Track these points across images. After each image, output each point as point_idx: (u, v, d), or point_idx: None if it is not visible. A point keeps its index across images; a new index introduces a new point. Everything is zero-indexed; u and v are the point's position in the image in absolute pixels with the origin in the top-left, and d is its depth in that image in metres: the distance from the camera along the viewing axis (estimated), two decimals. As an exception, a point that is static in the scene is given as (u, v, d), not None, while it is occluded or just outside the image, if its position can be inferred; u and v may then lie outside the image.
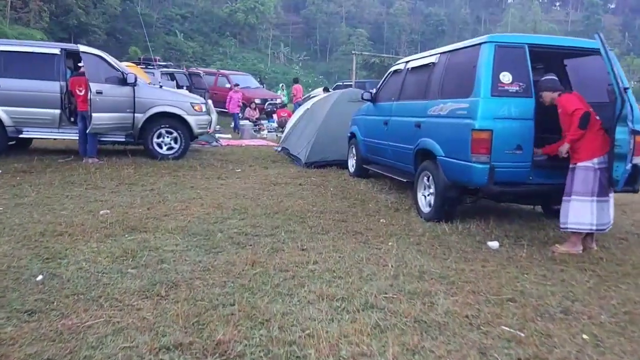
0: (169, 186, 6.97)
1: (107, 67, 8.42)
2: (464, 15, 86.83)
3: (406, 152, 6.07)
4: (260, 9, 69.63)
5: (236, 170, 8.49)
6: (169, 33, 63.46)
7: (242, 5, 68.65)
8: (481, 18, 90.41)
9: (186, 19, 68.80)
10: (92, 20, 53.59)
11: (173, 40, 61.34)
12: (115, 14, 57.71)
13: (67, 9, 48.78)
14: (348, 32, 76.16)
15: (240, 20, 68.21)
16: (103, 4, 56.54)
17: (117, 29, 58.14)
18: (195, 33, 66.98)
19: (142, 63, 16.52)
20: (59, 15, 47.79)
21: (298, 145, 9.54)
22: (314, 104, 10.33)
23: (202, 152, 10.46)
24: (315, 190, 7.06)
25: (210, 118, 9.54)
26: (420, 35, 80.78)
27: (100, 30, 54.24)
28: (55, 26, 48.32)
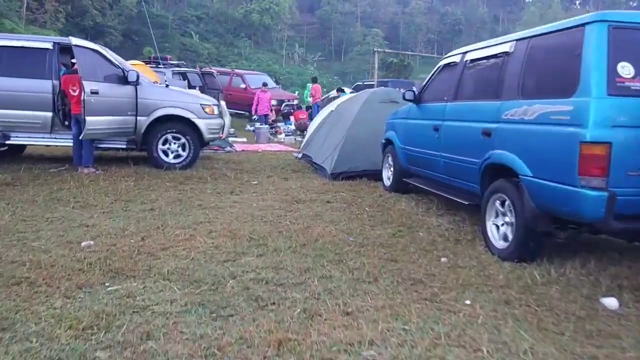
0: (172, 204, 5.73)
1: (105, 63, 7.22)
2: (482, 14, 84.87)
3: (468, 167, 4.75)
4: (275, 9, 68.61)
5: (252, 183, 7.23)
6: (185, 34, 62.80)
7: (257, 6, 67.69)
8: (499, 17, 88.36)
9: (201, 20, 68.07)
10: (108, 22, 53.03)
11: (188, 42, 60.61)
12: (131, 15, 57.13)
13: (83, 10, 48.18)
14: (363, 32, 74.81)
15: (255, 21, 67.25)
16: (119, 5, 56.02)
17: (133, 30, 57.47)
18: (210, 34, 66.25)
19: (153, 62, 15.38)
20: (74, 17, 47.17)
21: (322, 153, 8.26)
22: (339, 105, 9.04)
23: (214, 160, 9.22)
24: (347, 210, 5.77)
25: (223, 122, 8.32)
26: (437, 35, 79.10)
27: (116, 31, 53.59)
28: (72, 27, 47.69)
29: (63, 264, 3.70)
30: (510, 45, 4.48)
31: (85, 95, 6.62)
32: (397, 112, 6.92)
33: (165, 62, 15.34)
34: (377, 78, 18.93)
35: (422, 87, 6.20)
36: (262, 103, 15.18)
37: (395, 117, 6.88)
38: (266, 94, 15.50)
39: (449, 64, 5.72)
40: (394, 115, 6.96)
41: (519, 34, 4.50)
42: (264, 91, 15.55)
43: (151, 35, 60.94)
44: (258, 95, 15.27)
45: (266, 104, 15.43)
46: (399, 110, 6.89)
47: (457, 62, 5.47)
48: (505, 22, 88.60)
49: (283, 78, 55.14)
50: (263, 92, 15.39)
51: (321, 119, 9.28)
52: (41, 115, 7.32)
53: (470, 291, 3.41)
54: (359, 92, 9.33)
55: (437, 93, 5.75)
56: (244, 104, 17.95)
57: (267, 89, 15.91)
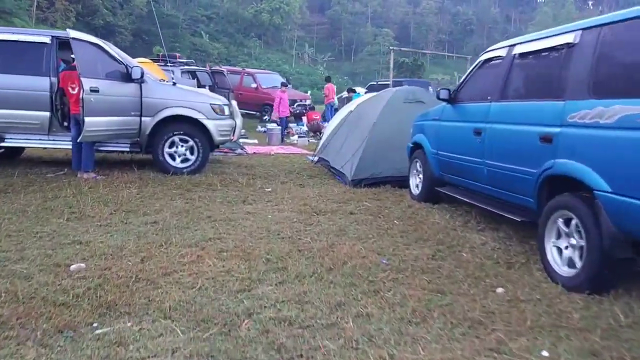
0: (178, 216, 5.09)
1: (107, 58, 6.60)
2: (494, 14, 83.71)
3: (520, 178, 4.06)
4: (285, 9, 68.11)
5: (266, 190, 6.58)
6: (195, 34, 62.50)
7: (267, 5, 67.23)
8: (511, 17, 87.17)
9: (212, 20, 67.76)
10: (119, 21, 52.79)
11: (199, 42, 60.28)
12: (142, 15, 56.86)
13: (94, 9, 47.94)
14: (374, 32, 74.06)
15: (265, 21, 66.80)
16: (130, 5, 55.77)
17: (144, 29, 57.15)
18: (220, 34, 65.90)
19: (162, 60, 14.78)
20: (85, 16, 46.91)
21: (341, 157, 7.59)
22: (358, 105, 8.36)
23: (224, 164, 8.58)
24: (374, 223, 5.09)
25: (234, 123, 7.67)
26: (448, 35, 78.17)
27: (127, 31, 53.33)
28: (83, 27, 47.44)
29: (45, 295, 3.06)
30: (574, 35, 3.78)
31: (84, 93, 6.00)
32: (426, 113, 6.23)
33: (174, 60, 14.74)
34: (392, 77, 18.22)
35: (458, 85, 5.50)
36: (283, 104, 14.00)
37: (424, 118, 6.20)
38: (285, 94, 14.41)
39: (492, 59, 5.02)
40: (423, 116, 6.27)
41: (585, 22, 3.80)
42: (284, 91, 14.46)
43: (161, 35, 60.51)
44: (279, 95, 14.10)
45: (288, 104, 14.36)
46: (429, 111, 6.20)
47: (502, 57, 4.77)
48: (517, 22, 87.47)
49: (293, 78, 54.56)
50: (283, 92, 14.31)
51: (339, 120, 8.61)
52: (38, 116, 6.71)
53: (543, 336, 2.73)
54: (381, 92, 8.67)
55: (478, 92, 5.06)
56: (255, 104, 17.35)
57: (286, 89, 14.82)
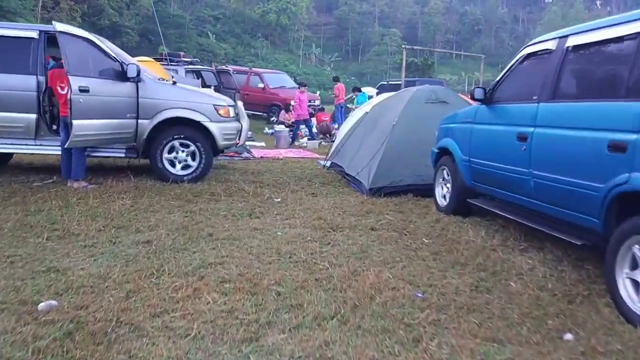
0: (175, 234, 4.43)
1: (98, 54, 5.96)
2: (501, 14, 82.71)
3: (581, 193, 3.36)
4: (292, 9, 67.58)
5: (275, 200, 5.90)
6: (201, 34, 62.09)
7: (274, 6, 66.70)
8: (519, 17, 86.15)
9: (218, 20, 67.33)
10: (125, 22, 52.39)
11: (205, 42, 59.86)
12: (148, 15, 56.48)
13: (99, 9, 47.56)
14: (381, 32, 73.34)
15: (272, 21, 66.29)
16: (136, 5, 55.38)
17: (150, 30, 56.75)
18: (227, 34, 65.45)
19: (165, 59, 14.17)
20: (90, 16, 46.52)
21: (356, 163, 6.91)
22: (375, 106, 7.67)
23: (229, 170, 7.91)
24: (400, 242, 4.41)
25: (240, 126, 7.00)
26: (456, 35, 77.31)
27: (133, 31, 52.94)
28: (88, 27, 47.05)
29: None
30: (652, 21, 3.08)
31: (71, 93, 5.35)
32: (455, 114, 5.53)
33: (178, 60, 14.13)
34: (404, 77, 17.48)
35: (495, 82, 4.80)
36: (302, 105, 13.02)
37: (453, 120, 5.50)
38: (304, 94, 13.40)
39: (537, 53, 4.32)
40: (451, 118, 5.58)
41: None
42: (303, 92, 13.37)
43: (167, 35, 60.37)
44: (297, 96, 13.14)
45: (305, 107, 13.35)
46: (458, 112, 5.51)
47: (551, 50, 4.06)
48: (525, 22, 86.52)
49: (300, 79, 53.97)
50: (302, 93, 13.24)
51: (353, 121, 7.92)
52: (23, 118, 6.08)
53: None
54: (399, 91, 7.96)
55: (521, 90, 4.37)
56: (263, 105, 16.70)
57: (305, 90, 13.74)
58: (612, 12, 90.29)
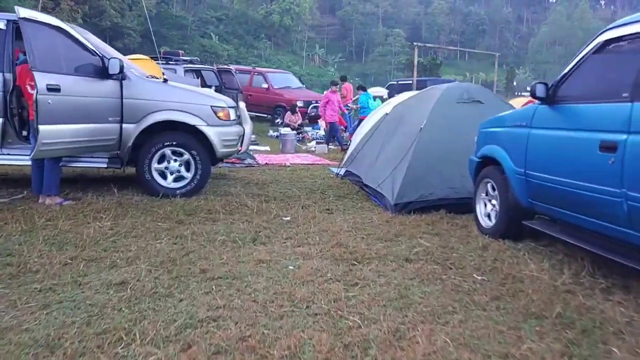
0: (159, 269, 3.45)
1: (74, 47, 4.97)
2: (506, 14, 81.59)
3: None
4: (295, 10, 66.74)
5: (284, 219, 4.90)
6: (204, 36, 61.35)
7: (278, 7, 65.88)
8: (523, 17, 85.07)
9: (221, 21, 66.59)
10: (127, 23, 51.61)
11: (208, 43, 59.12)
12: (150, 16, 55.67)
13: (101, 9, 46.76)
14: (385, 33, 72.37)
15: (275, 22, 65.46)
16: (138, 7, 54.58)
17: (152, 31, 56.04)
18: (230, 35, 64.70)
19: (163, 58, 13.21)
20: (91, 17, 45.72)
21: (376, 173, 5.92)
22: (396, 107, 6.67)
23: (229, 180, 6.92)
24: (447, 281, 3.41)
25: (242, 130, 6.01)
26: (460, 35, 76.28)
27: (135, 32, 52.15)
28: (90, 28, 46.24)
29: None
30: None
31: (37, 93, 4.37)
32: (501, 117, 4.54)
33: (177, 58, 13.16)
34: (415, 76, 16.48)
35: (560, 78, 3.79)
36: (331, 107, 11.37)
37: (500, 124, 4.50)
38: (336, 94, 11.78)
39: (621, 40, 3.31)
40: (497, 121, 4.58)
41: None
42: (334, 91, 11.81)
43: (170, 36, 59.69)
44: (327, 96, 11.59)
45: (335, 107, 11.52)
46: (506, 114, 4.52)
47: (648, 32, 3.07)
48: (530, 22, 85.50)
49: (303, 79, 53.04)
50: (333, 93, 11.70)
51: (371, 124, 6.92)
52: (-13, 123, 5.11)
53: None
54: (424, 90, 6.95)
55: (603, 86, 3.37)
56: (267, 106, 15.73)
57: (336, 89, 12.02)
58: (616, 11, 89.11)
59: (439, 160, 5.42)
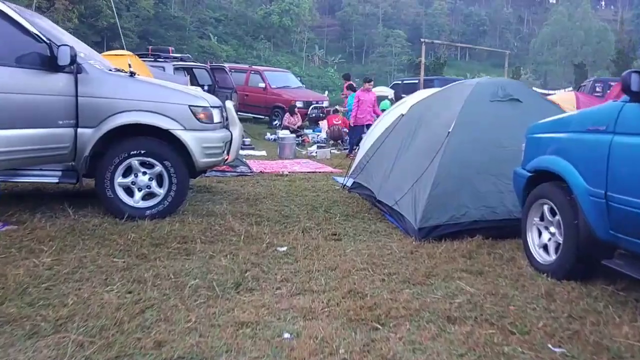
0: (93, 343, 2.33)
1: (11, 31, 3.87)
2: (506, 15, 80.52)
3: None
4: (295, 10, 65.64)
5: (278, 250, 3.79)
6: (203, 36, 60.31)
7: (277, 7, 64.79)
8: (524, 18, 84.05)
9: (220, 22, 65.52)
10: (125, 24, 50.56)
11: (207, 44, 58.03)
12: (149, 17, 54.74)
13: (97, 9, 45.69)
14: (385, 34, 71.26)
15: (274, 23, 64.35)
16: (136, 7, 53.53)
17: (150, 32, 54.98)
18: (229, 36, 63.65)
19: (152, 55, 12.13)
20: (88, 17, 44.65)
21: (393, 187, 4.82)
22: (414, 106, 5.54)
23: (215, 193, 5.80)
24: (513, 357, 2.31)
25: (228, 135, 4.89)
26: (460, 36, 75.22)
27: (133, 33, 51.07)
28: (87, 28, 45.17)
29: None
30: None
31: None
32: (564, 119, 3.45)
33: (166, 55, 12.08)
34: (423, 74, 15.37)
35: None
36: (363, 107, 9.73)
37: (560, 127, 3.40)
38: (370, 94, 10.07)
39: None
40: (556, 123, 3.49)
41: None
42: (367, 90, 10.04)
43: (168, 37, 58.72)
44: (357, 96, 9.99)
45: (369, 109, 9.78)
46: (571, 115, 3.43)
47: None
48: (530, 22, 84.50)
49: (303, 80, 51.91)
50: (366, 92, 9.99)
51: (383, 127, 5.80)
52: None
53: None
54: (448, 86, 5.79)
55: None
56: (264, 107, 14.62)
57: (370, 86, 10.22)
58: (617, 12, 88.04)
59: (472, 172, 4.33)
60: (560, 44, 69.74)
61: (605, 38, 66.70)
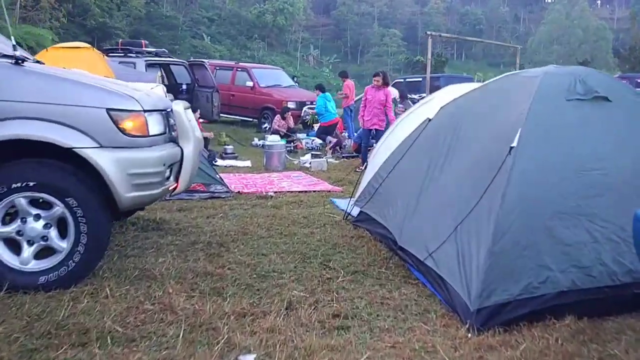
0: None
1: None
2: (503, 14, 79.16)
3: None
4: (289, 10, 64.06)
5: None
6: (196, 36, 58.67)
7: (271, 6, 63.16)
8: (520, 17, 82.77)
9: (213, 21, 63.88)
10: (116, 23, 48.84)
11: (200, 44, 56.36)
12: (140, 17, 53.06)
13: (86, 8, 43.89)
14: (381, 33, 69.81)
15: (268, 22, 62.73)
16: (127, 6, 51.79)
17: (141, 31, 53.20)
18: (222, 36, 62.04)
19: (121, 49, 10.46)
20: (75, 16, 42.85)
21: (422, 231, 3.20)
22: (446, 107, 3.89)
23: (164, 231, 4.07)
24: None
25: (175, 153, 3.22)
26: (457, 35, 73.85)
27: (124, 32, 49.29)
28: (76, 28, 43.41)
29: None
30: None
31: None
32: None
33: (138, 50, 10.41)
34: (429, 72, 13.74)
35: None
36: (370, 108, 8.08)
37: None
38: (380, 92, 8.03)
39: None
40: None
41: None
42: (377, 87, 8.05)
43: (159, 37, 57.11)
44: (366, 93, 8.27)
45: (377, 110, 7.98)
46: None
47: None
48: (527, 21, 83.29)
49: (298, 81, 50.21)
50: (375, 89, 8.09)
51: (402, 137, 4.14)
52: None
53: None
54: (496, 80, 4.10)
55: None
56: (252, 109, 12.93)
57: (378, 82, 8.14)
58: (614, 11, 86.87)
59: (551, 213, 2.72)
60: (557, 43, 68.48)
61: (603, 36, 65.64)
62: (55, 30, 36.49)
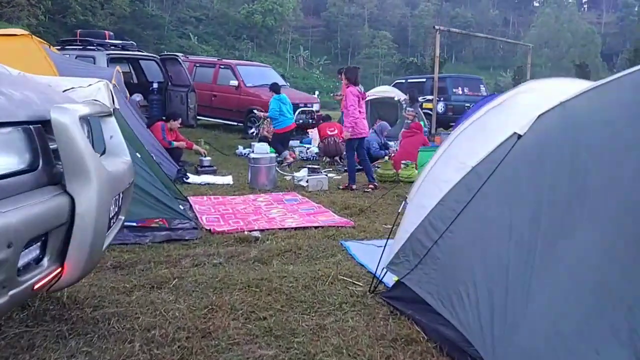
0: None
1: None
2: (493, 17, 78.38)
3: None
4: (278, 10, 62.40)
5: None
6: (182, 36, 56.80)
7: (260, 6, 61.44)
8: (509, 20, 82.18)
9: (201, 21, 62.04)
10: (99, 22, 46.79)
11: (186, 44, 54.48)
12: (124, 15, 51.04)
13: (66, 5, 41.80)
14: (371, 35, 68.53)
15: (257, 23, 61.00)
16: (110, 4, 49.74)
17: (126, 30, 51.15)
18: (210, 36, 60.23)
19: (80, 41, 8.73)
20: (55, 13, 40.76)
21: (534, 341, 1.57)
22: (548, 116, 2.29)
23: (76, 313, 2.43)
24: None
25: (60, 206, 1.54)
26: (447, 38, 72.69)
27: (108, 32, 47.29)
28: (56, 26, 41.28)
29: None
30: None
31: None
32: None
33: (100, 42, 8.67)
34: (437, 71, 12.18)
35: None
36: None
37: None
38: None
39: None
40: None
41: None
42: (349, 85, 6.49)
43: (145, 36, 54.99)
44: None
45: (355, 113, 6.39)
46: None
47: None
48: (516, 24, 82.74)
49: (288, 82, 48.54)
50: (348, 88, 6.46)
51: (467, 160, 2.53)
52: None
53: None
54: (622, 76, 2.58)
55: None
56: (237, 111, 11.20)
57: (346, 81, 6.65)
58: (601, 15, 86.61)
59: None
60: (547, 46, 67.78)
61: (592, 40, 65.23)
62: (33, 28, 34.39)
